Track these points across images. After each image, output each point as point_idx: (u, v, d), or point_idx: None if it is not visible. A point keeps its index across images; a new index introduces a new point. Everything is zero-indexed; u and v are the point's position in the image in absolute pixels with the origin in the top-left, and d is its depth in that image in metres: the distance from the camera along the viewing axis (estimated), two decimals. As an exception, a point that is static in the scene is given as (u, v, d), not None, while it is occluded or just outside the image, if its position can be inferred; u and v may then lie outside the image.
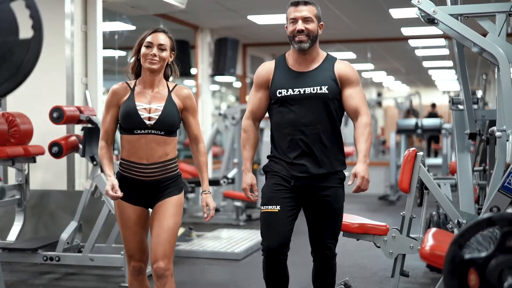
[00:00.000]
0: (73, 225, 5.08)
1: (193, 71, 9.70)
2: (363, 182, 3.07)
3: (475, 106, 4.54)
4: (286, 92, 3.16)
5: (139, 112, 3.05)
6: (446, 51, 11.78)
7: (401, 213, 3.81)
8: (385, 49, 12.20)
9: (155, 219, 3.11)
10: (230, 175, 8.14)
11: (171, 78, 3.26)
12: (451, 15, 3.58)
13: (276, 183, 3.19)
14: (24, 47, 2.08)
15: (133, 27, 8.32)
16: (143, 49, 3.11)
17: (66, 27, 5.85)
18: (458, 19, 3.65)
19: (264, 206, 3.19)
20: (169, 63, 3.17)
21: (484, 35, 3.56)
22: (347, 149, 9.24)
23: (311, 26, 3.19)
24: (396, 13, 8.40)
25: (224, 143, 9.43)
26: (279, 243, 3.11)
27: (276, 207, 3.15)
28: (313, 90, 3.15)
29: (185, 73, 9.38)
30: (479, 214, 4.12)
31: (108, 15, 6.90)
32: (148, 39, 3.12)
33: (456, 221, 3.58)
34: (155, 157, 3.06)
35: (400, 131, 9.89)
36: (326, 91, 3.15)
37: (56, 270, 5.32)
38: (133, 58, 3.18)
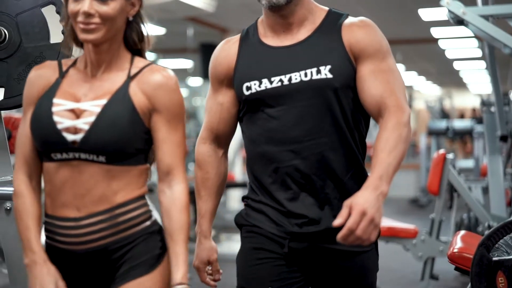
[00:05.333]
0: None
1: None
2: (362, 224, 1.53)
3: (507, 108, 4.49)
4: (259, 86, 1.76)
5: (55, 118, 1.57)
6: (478, 52, 11.65)
7: (430, 216, 3.78)
8: (414, 50, 12.11)
9: None
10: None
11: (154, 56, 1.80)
12: (481, 16, 3.54)
13: (258, 248, 1.80)
14: (55, 51, 2.12)
15: (162, 29, 8.41)
16: (70, 4, 1.60)
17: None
18: (488, 20, 3.61)
19: None
20: (130, 19, 1.64)
21: (515, 35, 3.51)
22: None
23: None
24: (425, 13, 8.33)
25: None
26: None
27: None
28: (305, 75, 1.74)
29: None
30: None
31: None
32: None
33: (486, 224, 3.55)
34: (90, 202, 1.57)
35: (431, 133, 9.81)
36: (329, 75, 1.73)
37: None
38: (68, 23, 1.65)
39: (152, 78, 1.62)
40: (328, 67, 1.74)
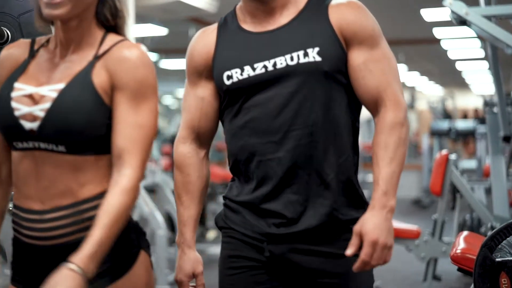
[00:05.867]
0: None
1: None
2: (376, 253, 1.51)
3: (509, 108, 4.47)
4: (241, 74, 1.63)
5: (13, 104, 1.44)
6: (481, 53, 11.63)
7: (433, 217, 3.78)
8: (417, 50, 12.10)
9: None
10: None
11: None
12: (484, 16, 3.53)
13: (234, 256, 1.67)
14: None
15: (165, 29, 8.41)
16: None
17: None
18: (491, 20, 3.60)
19: None
20: None
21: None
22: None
23: None
24: (428, 13, 8.32)
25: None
26: None
27: None
28: (291, 59, 1.60)
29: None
30: (513, 217, 4.07)
31: (140, 19, 6.99)
32: None
33: (489, 224, 3.54)
34: (55, 195, 1.43)
35: (433, 133, 9.80)
36: (318, 58, 1.60)
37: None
38: None
39: (117, 53, 1.44)
40: (316, 49, 1.60)
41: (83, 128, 1.41)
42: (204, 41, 1.71)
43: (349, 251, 1.51)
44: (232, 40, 1.67)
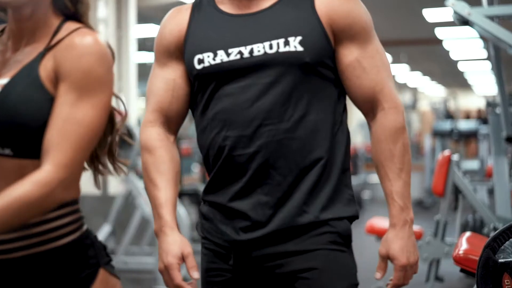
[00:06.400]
0: (106, 229, 5.18)
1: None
2: (407, 275, 1.52)
3: (512, 109, 4.46)
4: (213, 59, 1.49)
5: None
6: (483, 53, 11.62)
7: (435, 218, 3.78)
8: (419, 51, 12.09)
9: None
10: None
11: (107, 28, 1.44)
12: (487, 16, 3.52)
13: (211, 268, 1.57)
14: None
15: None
16: None
17: (100, 32, 5.94)
18: (494, 20, 3.59)
19: None
20: None
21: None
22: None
23: None
24: (430, 13, 8.32)
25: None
26: None
27: None
28: (270, 47, 1.47)
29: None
30: (516, 218, 4.06)
31: (142, 19, 6.99)
32: None
33: (492, 225, 3.54)
34: None
35: (435, 134, 9.79)
36: (300, 48, 1.47)
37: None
38: None
39: (67, 41, 1.24)
40: (299, 38, 1.46)
41: (29, 127, 1.22)
42: (176, 20, 1.56)
43: (378, 275, 1.51)
44: (206, 20, 1.52)
